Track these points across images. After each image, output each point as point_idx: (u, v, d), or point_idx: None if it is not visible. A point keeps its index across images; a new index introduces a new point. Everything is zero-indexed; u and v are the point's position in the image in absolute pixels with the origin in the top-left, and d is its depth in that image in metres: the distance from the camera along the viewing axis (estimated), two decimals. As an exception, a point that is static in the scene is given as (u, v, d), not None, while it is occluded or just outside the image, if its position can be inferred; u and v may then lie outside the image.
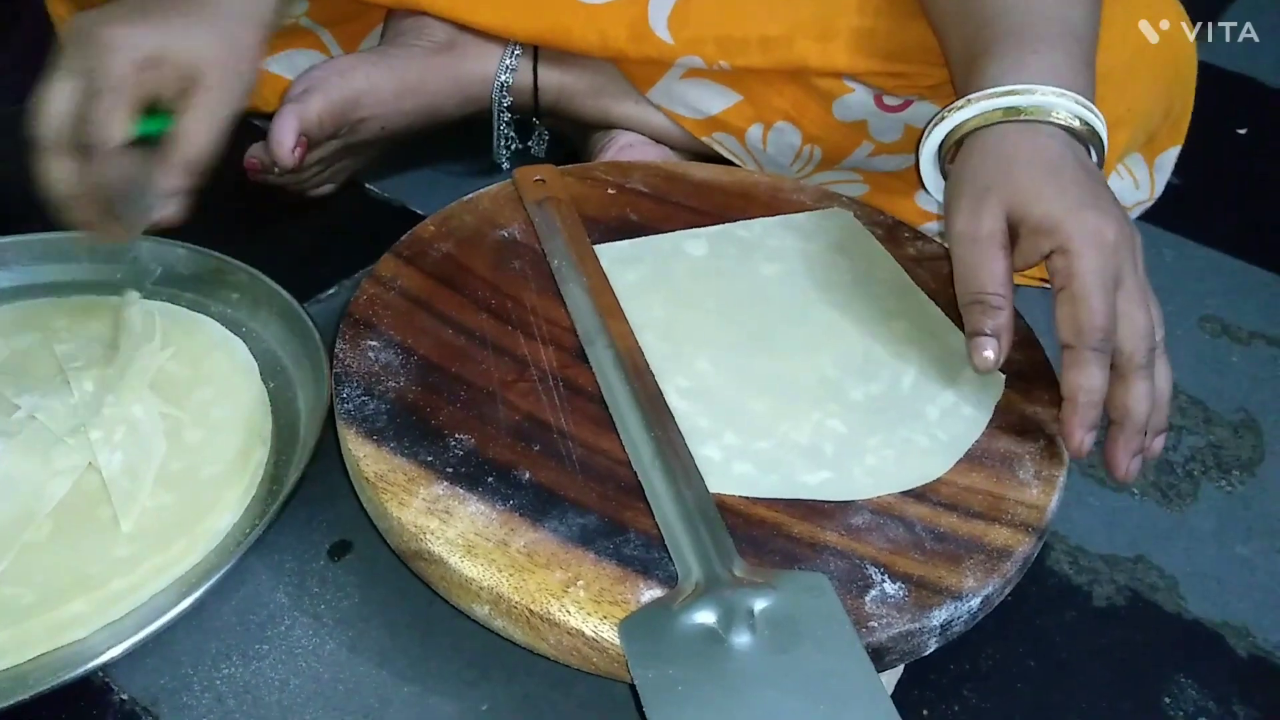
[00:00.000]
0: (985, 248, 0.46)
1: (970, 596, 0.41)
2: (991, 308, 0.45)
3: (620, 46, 0.64)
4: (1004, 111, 0.48)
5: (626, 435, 0.46)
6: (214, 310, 0.60)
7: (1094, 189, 0.46)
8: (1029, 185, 0.45)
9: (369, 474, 0.44)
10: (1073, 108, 0.48)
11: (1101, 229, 0.44)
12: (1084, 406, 0.43)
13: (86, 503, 0.49)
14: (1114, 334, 0.44)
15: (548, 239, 0.57)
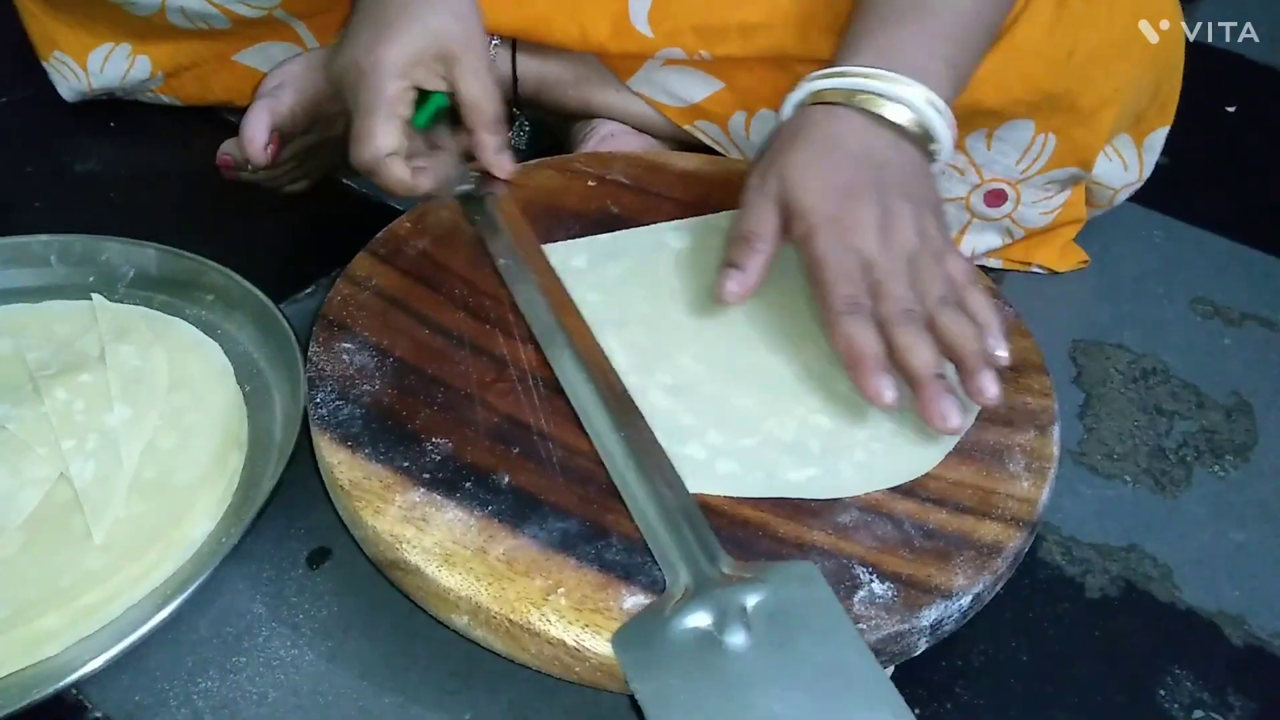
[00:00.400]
0: (764, 203, 0.49)
1: (960, 595, 0.40)
2: (752, 249, 0.48)
3: (601, 41, 0.63)
4: (830, 92, 0.51)
5: (596, 437, 0.45)
6: (188, 312, 0.58)
7: (861, 175, 0.48)
8: (799, 169, 0.49)
9: (343, 481, 0.43)
10: (902, 94, 0.49)
11: (843, 215, 0.47)
12: (857, 359, 0.45)
13: (58, 513, 0.48)
14: (862, 300, 0.46)
15: (491, 238, 0.55)
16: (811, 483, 0.44)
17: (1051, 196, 0.66)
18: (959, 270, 0.48)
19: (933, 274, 0.47)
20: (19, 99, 0.80)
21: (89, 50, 0.73)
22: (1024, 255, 0.69)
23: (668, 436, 0.45)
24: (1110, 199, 0.70)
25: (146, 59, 0.74)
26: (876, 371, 0.44)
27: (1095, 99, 0.61)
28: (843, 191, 0.48)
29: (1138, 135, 0.67)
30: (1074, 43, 0.59)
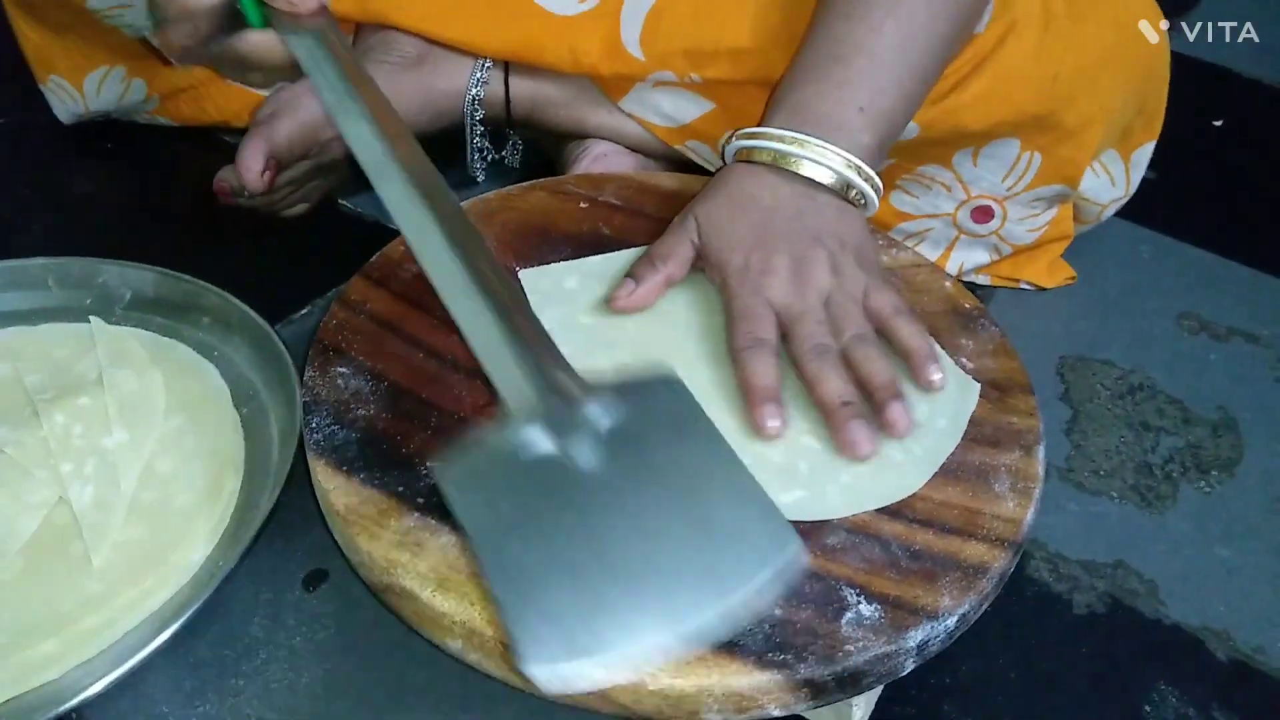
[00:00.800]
0: (680, 236, 0.54)
1: (946, 616, 0.41)
2: (654, 269, 0.53)
3: (593, 63, 0.63)
4: (756, 151, 0.54)
5: (431, 264, 0.42)
6: (185, 335, 0.59)
7: (774, 227, 0.52)
8: (715, 220, 0.54)
9: (339, 507, 0.43)
10: (821, 158, 0.53)
11: (753, 264, 0.51)
12: (751, 391, 0.47)
13: (57, 537, 0.48)
14: (764, 337, 0.49)
15: (316, 71, 0.48)
16: (799, 505, 0.44)
17: (1038, 214, 0.67)
18: (884, 304, 0.51)
19: (847, 312, 0.50)
20: (16, 122, 0.81)
21: (85, 73, 0.74)
22: (1012, 272, 0.70)
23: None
24: (1098, 215, 0.71)
25: (142, 82, 0.75)
26: (763, 402, 0.47)
27: (1080, 118, 0.62)
28: (753, 243, 0.52)
29: (1125, 151, 0.67)
30: (1059, 65, 0.60)
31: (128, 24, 0.70)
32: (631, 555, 0.33)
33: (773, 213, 0.53)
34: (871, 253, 0.54)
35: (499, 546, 0.33)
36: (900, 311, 0.50)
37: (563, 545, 0.33)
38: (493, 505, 0.33)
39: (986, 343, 0.53)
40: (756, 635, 0.39)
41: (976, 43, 0.60)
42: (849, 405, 0.46)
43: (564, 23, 0.63)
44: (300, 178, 0.67)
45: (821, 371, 0.48)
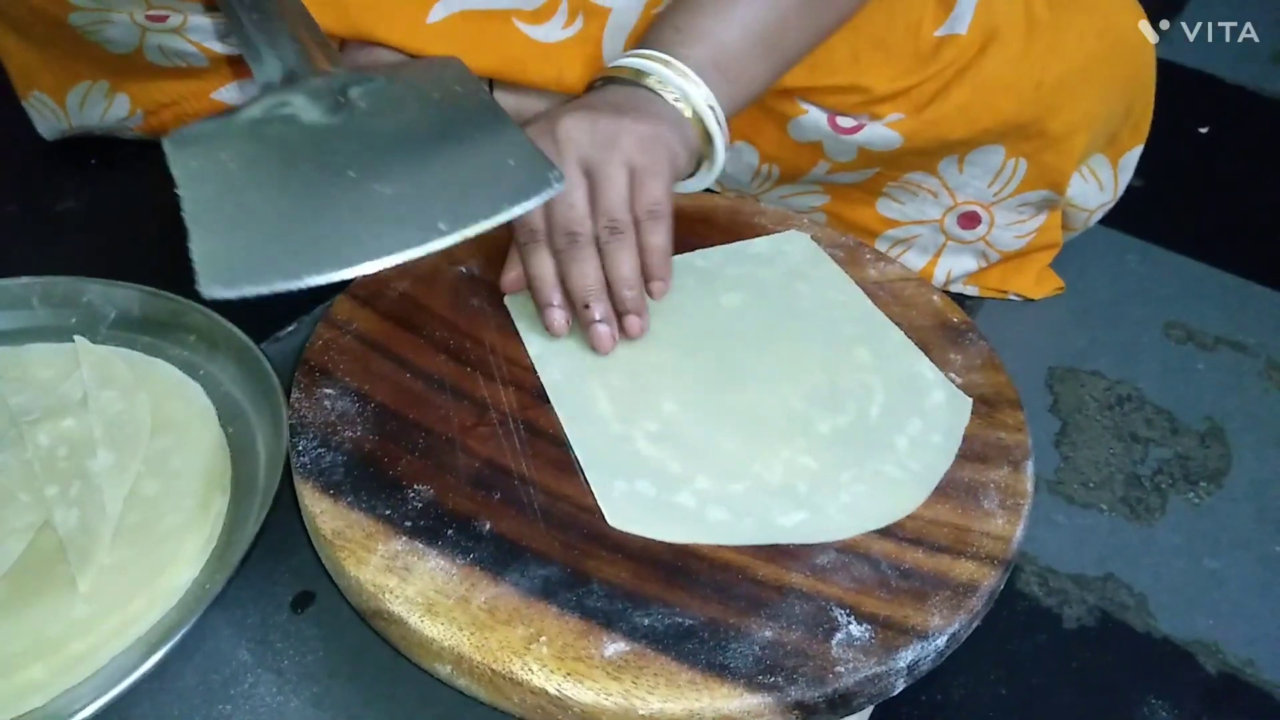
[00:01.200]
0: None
1: (937, 636, 0.41)
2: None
3: (574, 84, 0.63)
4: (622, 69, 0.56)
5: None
6: (171, 353, 0.58)
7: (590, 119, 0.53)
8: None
9: (326, 531, 0.43)
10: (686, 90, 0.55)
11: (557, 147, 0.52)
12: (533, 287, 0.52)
13: (42, 562, 0.48)
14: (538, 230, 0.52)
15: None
16: (801, 527, 0.44)
17: (1025, 220, 0.67)
18: (648, 198, 0.51)
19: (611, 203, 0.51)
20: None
21: (67, 89, 0.74)
22: (1000, 283, 0.70)
23: (658, 485, 0.46)
24: (1086, 220, 0.71)
25: (126, 97, 0.74)
26: (545, 300, 0.52)
27: (1064, 125, 0.62)
28: (543, 131, 0.53)
29: (1113, 156, 0.68)
30: (1042, 73, 0.60)
31: (109, 39, 0.69)
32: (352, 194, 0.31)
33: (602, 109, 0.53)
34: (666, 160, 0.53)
35: (202, 192, 0.31)
36: (653, 215, 0.51)
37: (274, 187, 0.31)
38: (214, 163, 0.31)
39: (975, 357, 0.53)
40: (746, 657, 0.39)
41: (958, 50, 0.60)
42: (588, 308, 0.51)
43: (547, 48, 0.63)
44: None
45: (570, 269, 0.51)
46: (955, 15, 0.60)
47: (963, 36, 0.60)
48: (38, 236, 0.73)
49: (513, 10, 0.63)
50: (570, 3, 0.63)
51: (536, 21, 0.64)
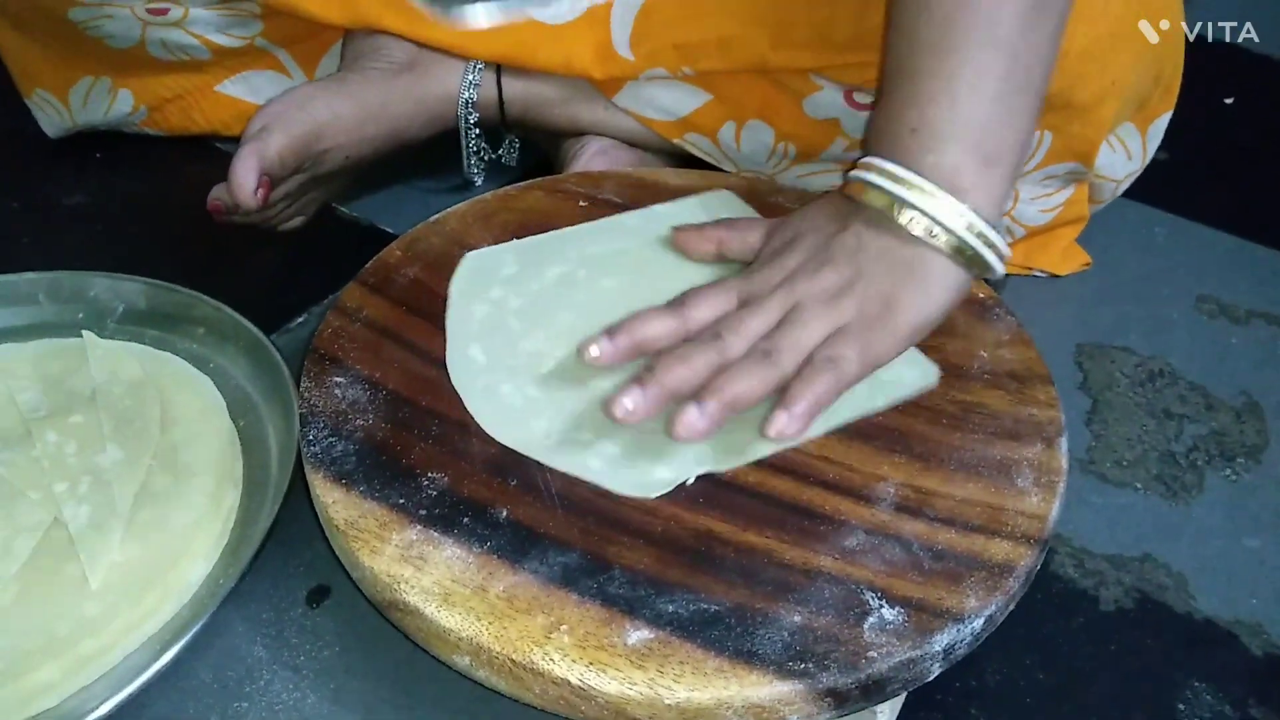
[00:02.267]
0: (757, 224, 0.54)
1: (973, 618, 0.39)
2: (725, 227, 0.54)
3: (585, 67, 0.62)
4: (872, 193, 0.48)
5: None
6: (179, 347, 0.58)
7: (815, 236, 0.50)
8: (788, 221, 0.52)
9: (339, 521, 0.42)
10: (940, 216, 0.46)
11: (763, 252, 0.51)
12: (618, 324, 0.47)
13: (53, 559, 0.47)
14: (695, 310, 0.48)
15: None
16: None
17: (1051, 194, 0.65)
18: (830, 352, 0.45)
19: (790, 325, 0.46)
20: (2, 135, 0.80)
21: (70, 86, 0.73)
22: (1025, 260, 0.69)
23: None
24: (1114, 191, 0.69)
25: (129, 93, 0.73)
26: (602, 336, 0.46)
27: (1091, 94, 0.60)
28: (789, 239, 0.50)
29: (1142, 122, 0.65)
30: (1068, 41, 0.58)
31: (110, 34, 0.68)
32: None
33: (837, 233, 0.48)
34: (906, 323, 0.47)
35: None
36: (832, 364, 0.45)
37: None
38: None
39: (1003, 332, 0.52)
40: (775, 643, 0.38)
41: None
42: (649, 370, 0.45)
43: (555, 30, 0.62)
44: (296, 191, 0.65)
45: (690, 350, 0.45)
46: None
47: None
48: (43, 232, 0.72)
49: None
50: None
51: (544, 3, 0.62)
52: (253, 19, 0.68)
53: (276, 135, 0.61)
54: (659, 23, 0.61)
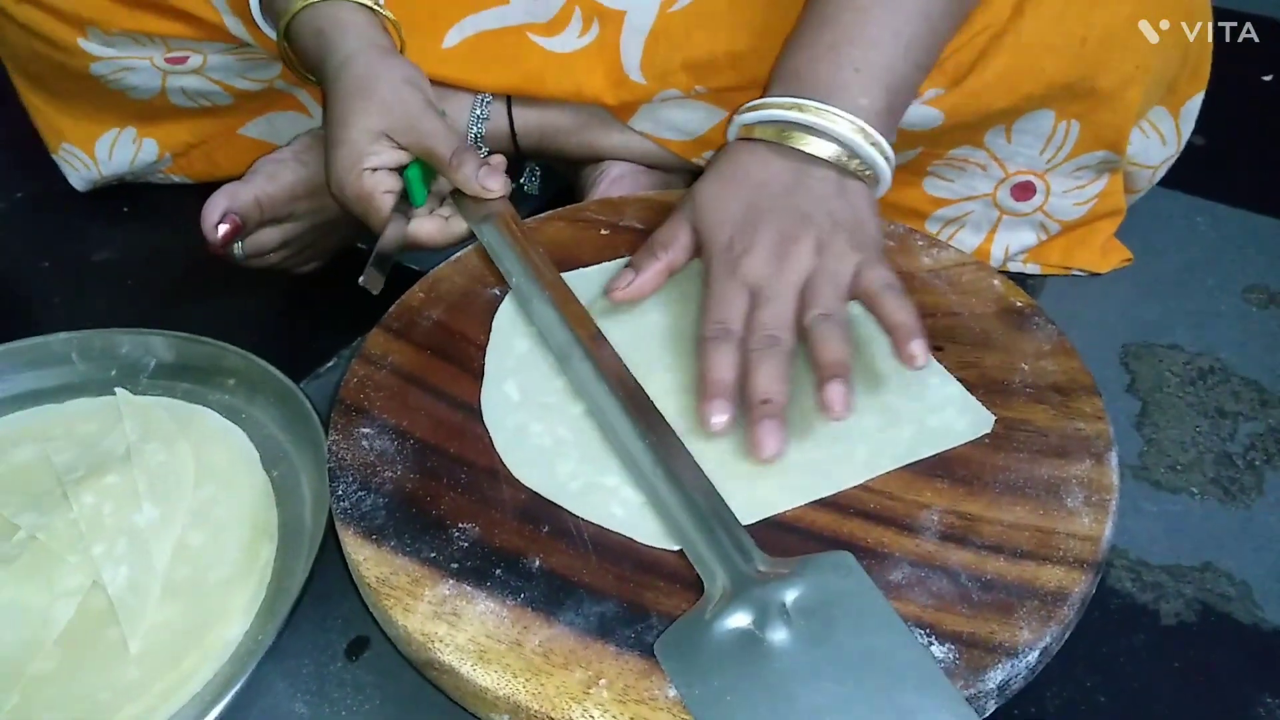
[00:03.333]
0: (679, 222, 0.53)
1: (1027, 651, 0.38)
2: (653, 256, 0.52)
3: (597, 93, 0.62)
4: (758, 128, 0.52)
5: (621, 448, 0.45)
6: (211, 398, 0.58)
7: (763, 203, 0.50)
8: (707, 199, 0.52)
9: (370, 579, 0.41)
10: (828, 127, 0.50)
11: (736, 243, 0.49)
12: (704, 383, 0.46)
13: (93, 624, 0.47)
14: (732, 327, 0.47)
15: (500, 257, 0.54)
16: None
17: (1084, 185, 0.63)
18: (873, 279, 0.48)
19: (821, 292, 0.47)
20: (33, 193, 0.81)
21: (95, 139, 0.74)
22: (1063, 259, 0.67)
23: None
24: (1150, 179, 0.67)
25: (153, 141, 0.74)
26: (712, 397, 0.45)
27: (1116, 80, 0.58)
28: (740, 221, 0.50)
29: (1173, 105, 0.63)
30: (1086, 27, 0.57)
31: (132, 85, 0.69)
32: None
33: (763, 188, 0.51)
34: (871, 229, 0.51)
35: (699, 697, 0.37)
36: (889, 286, 0.47)
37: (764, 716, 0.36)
38: (703, 677, 0.37)
39: (1043, 343, 0.50)
40: (822, 687, 0.37)
41: (990, 14, 0.56)
42: (767, 403, 0.44)
43: (564, 58, 0.61)
44: (296, 239, 0.65)
45: (759, 364, 0.45)
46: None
47: (993, 0, 0.56)
48: (74, 291, 0.73)
49: (526, 25, 0.62)
50: (584, 10, 0.61)
51: (551, 34, 0.62)
52: (271, 61, 0.68)
53: (260, 180, 0.61)
54: (668, 44, 0.60)
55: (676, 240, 0.52)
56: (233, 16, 0.63)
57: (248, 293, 0.70)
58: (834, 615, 0.38)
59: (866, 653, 0.37)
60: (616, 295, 0.51)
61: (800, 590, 0.38)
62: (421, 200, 0.57)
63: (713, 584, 0.39)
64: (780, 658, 0.37)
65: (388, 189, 0.56)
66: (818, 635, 0.37)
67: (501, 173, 0.57)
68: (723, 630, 0.38)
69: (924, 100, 0.58)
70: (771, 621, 0.38)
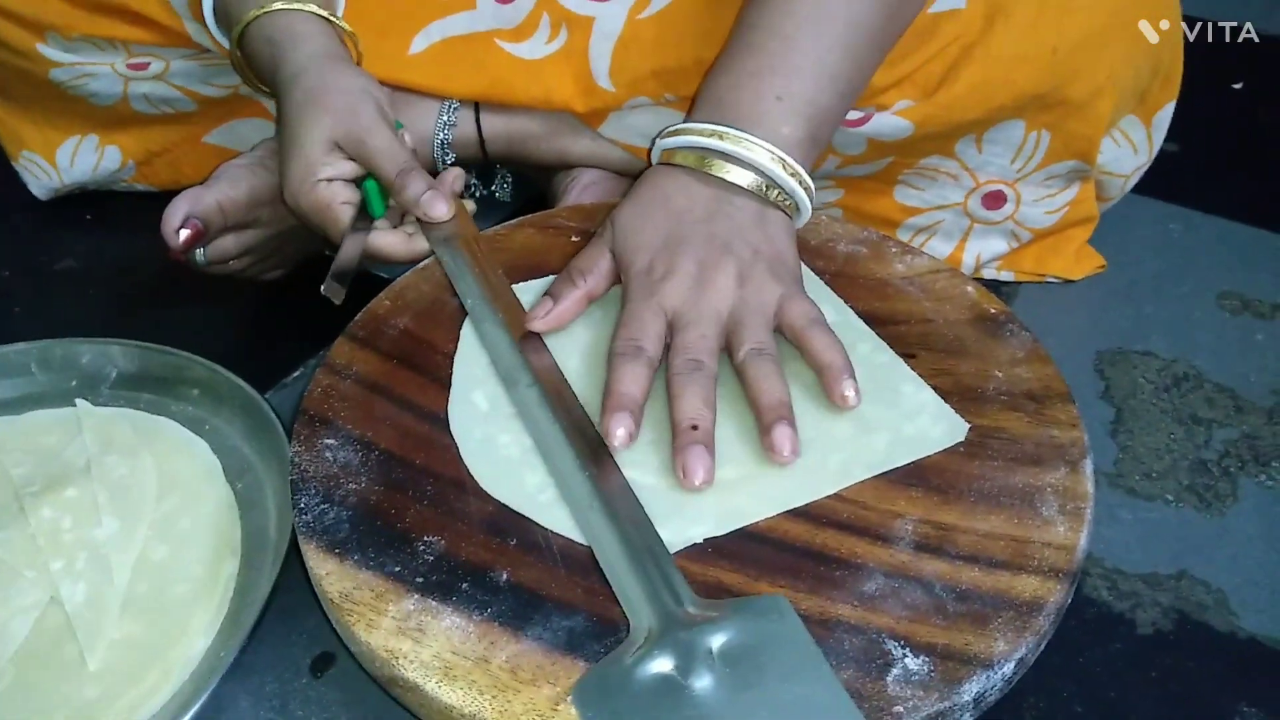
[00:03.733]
0: (598, 246, 0.52)
1: (1002, 663, 0.37)
2: (572, 284, 0.51)
3: (566, 100, 0.61)
4: (679, 153, 0.52)
5: (560, 477, 0.44)
6: (174, 409, 0.57)
7: (682, 231, 0.49)
8: (626, 223, 0.51)
9: (333, 594, 0.40)
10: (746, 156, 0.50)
11: (654, 269, 0.49)
12: (607, 396, 0.45)
13: (49, 641, 0.46)
14: (643, 345, 0.46)
15: (458, 278, 0.54)
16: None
17: (1055, 194, 0.63)
18: (797, 315, 0.47)
19: (748, 324, 0.47)
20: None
21: (56, 146, 0.72)
22: (1036, 266, 0.66)
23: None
24: (1122, 187, 0.67)
25: (116, 149, 0.73)
26: (614, 410, 0.44)
27: (1087, 90, 0.58)
28: (659, 247, 0.49)
29: (1144, 115, 0.64)
30: (1057, 37, 0.57)
31: (93, 92, 0.68)
32: None
33: (683, 215, 0.50)
34: (790, 261, 0.50)
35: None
36: (814, 323, 0.47)
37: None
38: (620, 717, 0.36)
39: (1018, 350, 0.50)
40: (795, 701, 0.36)
41: (960, 25, 0.56)
42: (695, 429, 0.43)
43: (532, 65, 0.60)
44: (259, 245, 0.64)
45: (683, 388, 0.45)
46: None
47: (963, 11, 0.56)
48: (36, 299, 0.71)
49: (494, 31, 0.61)
50: (552, 17, 0.61)
51: (519, 39, 0.61)
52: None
53: (223, 185, 0.60)
54: (637, 53, 0.59)
55: (596, 267, 0.51)
56: (194, 22, 0.62)
57: (213, 302, 0.68)
58: (762, 662, 0.36)
59: (793, 702, 0.36)
60: (536, 325, 0.50)
61: (729, 635, 0.37)
62: (380, 212, 0.57)
63: (638, 625, 0.38)
64: (702, 705, 0.35)
65: (345, 200, 0.55)
66: (743, 682, 0.36)
67: (448, 197, 0.56)
68: (644, 675, 0.36)
69: (894, 111, 0.58)
70: (696, 667, 0.36)
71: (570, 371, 0.49)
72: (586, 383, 0.48)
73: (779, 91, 0.51)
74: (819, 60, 0.51)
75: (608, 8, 0.60)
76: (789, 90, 0.51)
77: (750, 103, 0.51)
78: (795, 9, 0.52)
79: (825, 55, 0.51)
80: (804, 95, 0.51)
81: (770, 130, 0.50)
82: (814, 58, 0.51)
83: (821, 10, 0.51)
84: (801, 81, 0.51)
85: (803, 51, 0.51)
